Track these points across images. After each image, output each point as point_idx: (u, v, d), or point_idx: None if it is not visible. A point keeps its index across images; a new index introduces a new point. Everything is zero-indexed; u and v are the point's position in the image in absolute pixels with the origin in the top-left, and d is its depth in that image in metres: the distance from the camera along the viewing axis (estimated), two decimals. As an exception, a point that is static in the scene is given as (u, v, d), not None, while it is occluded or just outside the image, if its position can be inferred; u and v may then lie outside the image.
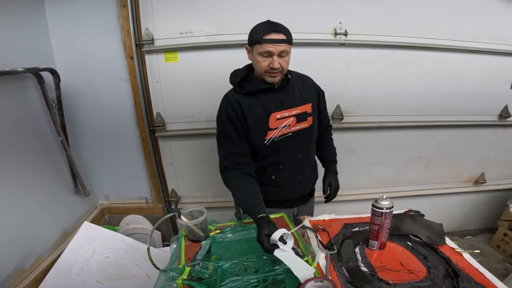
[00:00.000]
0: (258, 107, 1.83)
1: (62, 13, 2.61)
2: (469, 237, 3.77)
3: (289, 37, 1.70)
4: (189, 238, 1.72)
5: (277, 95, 1.85)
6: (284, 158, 1.94)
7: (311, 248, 1.55)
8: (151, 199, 3.33)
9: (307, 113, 1.91)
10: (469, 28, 2.84)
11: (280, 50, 1.67)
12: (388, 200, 1.49)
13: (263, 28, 1.69)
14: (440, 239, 1.63)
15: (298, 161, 1.99)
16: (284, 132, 1.87)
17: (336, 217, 1.92)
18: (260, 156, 1.95)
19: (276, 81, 1.79)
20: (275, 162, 1.95)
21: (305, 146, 1.99)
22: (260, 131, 1.84)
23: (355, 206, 3.35)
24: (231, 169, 1.85)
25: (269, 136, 1.85)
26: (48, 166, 2.63)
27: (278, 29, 1.67)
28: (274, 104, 1.84)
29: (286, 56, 1.72)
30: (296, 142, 1.92)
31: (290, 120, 1.86)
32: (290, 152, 1.94)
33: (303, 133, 1.93)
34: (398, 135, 3.20)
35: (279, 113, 1.84)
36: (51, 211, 2.63)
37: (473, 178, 3.58)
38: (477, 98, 3.12)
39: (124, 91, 2.84)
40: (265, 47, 1.66)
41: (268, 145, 1.87)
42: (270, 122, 1.83)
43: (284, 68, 1.75)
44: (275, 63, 1.68)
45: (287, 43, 1.68)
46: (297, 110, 1.88)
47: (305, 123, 1.91)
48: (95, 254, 2.37)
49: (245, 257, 1.52)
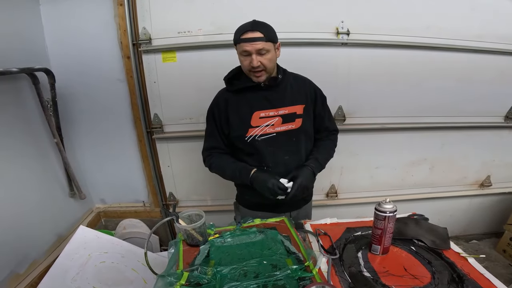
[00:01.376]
0: (243, 104, 1.92)
1: (57, 12, 2.61)
2: (474, 241, 3.77)
3: (267, 34, 1.74)
4: (187, 242, 1.72)
5: (265, 94, 1.91)
6: (268, 159, 1.96)
7: (312, 253, 1.55)
8: (149, 203, 3.33)
9: (296, 115, 1.93)
10: (475, 27, 2.84)
11: (257, 48, 1.73)
12: (391, 204, 1.49)
13: (242, 28, 1.77)
14: (445, 244, 1.63)
15: (283, 163, 1.99)
16: (267, 131, 1.90)
17: (338, 221, 1.92)
18: (244, 154, 2.01)
19: (261, 80, 1.84)
20: (259, 162, 1.98)
21: (291, 148, 1.98)
22: (242, 128, 1.92)
23: (357, 210, 3.36)
24: (211, 156, 2.08)
25: (250, 133, 1.91)
26: (43, 169, 2.63)
27: (254, 28, 1.73)
28: (260, 103, 1.90)
29: (266, 54, 1.77)
30: (281, 144, 1.94)
31: (274, 120, 1.90)
32: (275, 153, 1.96)
33: (289, 135, 1.94)
34: (402, 137, 3.20)
35: (263, 112, 1.89)
36: (46, 214, 2.63)
37: (478, 181, 3.57)
38: (483, 99, 3.12)
39: (121, 91, 2.84)
40: (243, 46, 1.75)
41: (250, 142, 1.93)
42: (252, 120, 1.89)
43: (267, 66, 1.79)
44: (253, 62, 1.75)
45: (263, 40, 1.73)
46: (284, 111, 1.91)
47: (292, 125, 1.93)
48: (91, 259, 2.37)
49: (245, 262, 1.52)
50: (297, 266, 1.42)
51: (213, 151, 2.09)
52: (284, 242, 1.67)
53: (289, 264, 1.45)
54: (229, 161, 2.04)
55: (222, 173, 2.08)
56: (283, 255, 1.56)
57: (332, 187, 3.38)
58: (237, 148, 2.03)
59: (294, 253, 1.56)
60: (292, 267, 1.41)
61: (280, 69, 1.98)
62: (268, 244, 1.65)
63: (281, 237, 1.72)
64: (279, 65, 2.01)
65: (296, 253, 1.56)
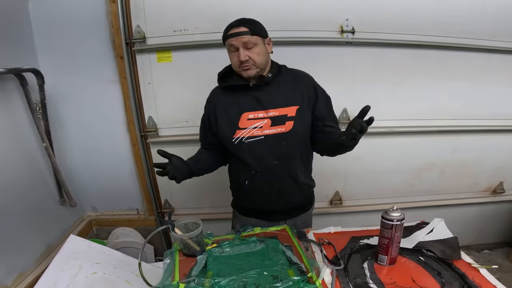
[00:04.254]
0: (233, 104, 1.95)
1: (46, 10, 2.61)
2: (486, 251, 3.77)
3: (252, 28, 1.80)
4: (184, 252, 1.72)
5: (255, 94, 1.92)
6: (256, 163, 1.96)
7: (315, 264, 1.55)
8: (143, 211, 3.33)
9: (287, 117, 1.90)
10: (487, 25, 2.83)
11: (243, 42, 1.78)
12: (398, 211, 1.50)
13: (228, 25, 1.84)
14: (455, 254, 1.63)
15: (272, 169, 1.97)
16: (255, 134, 1.90)
17: (343, 230, 1.93)
18: (233, 156, 2.04)
19: (251, 74, 1.86)
20: (247, 166, 1.98)
21: (281, 153, 1.94)
22: (230, 129, 1.94)
23: (363, 218, 3.36)
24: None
25: (237, 135, 1.92)
26: (31, 175, 2.62)
27: (239, 23, 1.80)
28: (250, 103, 1.92)
29: (254, 48, 1.81)
30: (269, 148, 1.92)
31: (263, 122, 1.89)
32: (263, 157, 1.94)
33: (278, 139, 1.91)
34: (410, 141, 3.19)
35: (252, 113, 1.91)
36: (34, 223, 2.62)
37: (490, 187, 3.56)
38: (496, 101, 3.12)
39: (114, 93, 2.85)
40: (229, 41, 1.82)
41: (237, 144, 1.93)
42: (240, 121, 1.91)
43: (256, 60, 1.82)
44: (241, 56, 1.79)
45: (249, 34, 1.78)
46: (274, 112, 1.90)
47: (282, 128, 1.90)
48: (82, 270, 2.36)
49: (244, 273, 1.52)
50: (299, 277, 1.42)
51: (201, 145, 2.24)
52: (286, 252, 1.67)
53: (290, 275, 1.45)
54: (197, 155, 2.18)
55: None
56: (285, 265, 1.56)
57: (336, 194, 3.37)
58: (226, 150, 2.06)
59: (296, 264, 1.56)
60: (294, 279, 1.41)
61: (274, 66, 1.98)
62: (269, 254, 1.66)
63: (282, 247, 1.72)
64: (275, 62, 2.01)
65: (298, 264, 1.56)
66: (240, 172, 2.05)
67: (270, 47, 1.93)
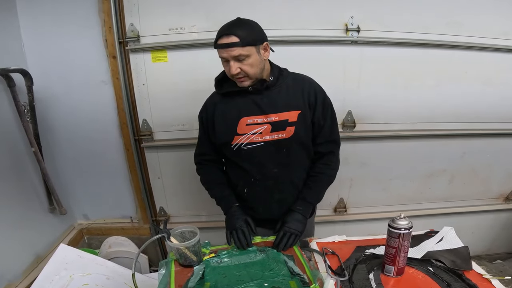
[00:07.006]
0: (231, 109, 1.91)
1: (35, 6, 2.62)
2: (499, 261, 3.76)
3: (244, 38, 1.68)
4: (180, 262, 1.72)
5: (255, 98, 1.88)
6: (256, 171, 1.96)
7: (319, 274, 1.55)
8: (137, 219, 3.33)
9: (288, 122, 1.87)
10: (499, 24, 2.83)
11: (233, 55, 1.70)
12: (406, 220, 1.49)
13: (219, 30, 1.74)
14: (466, 264, 1.63)
15: (272, 176, 1.97)
16: (254, 140, 1.88)
17: (347, 239, 1.93)
18: (231, 164, 2.04)
19: (245, 85, 1.82)
20: (246, 173, 1.98)
21: (281, 160, 1.94)
22: (228, 134, 1.91)
23: (368, 226, 3.36)
24: (202, 166, 2.20)
25: (236, 141, 1.90)
26: (18, 181, 2.63)
27: (229, 32, 1.68)
28: (249, 108, 1.88)
29: (246, 59, 1.73)
30: (270, 155, 1.92)
31: (263, 128, 1.87)
32: (263, 164, 1.94)
33: (279, 145, 1.90)
34: (418, 145, 3.18)
35: (251, 118, 1.87)
36: (22, 232, 2.63)
37: (503, 194, 3.56)
38: (508, 103, 3.11)
39: (106, 95, 2.86)
40: (219, 52, 1.74)
41: (235, 151, 1.92)
42: (238, 127, 1.88)
43: (248, 72, 1.76)
44: (231, 69, 1.72)
45: (239, 46, 1.68)
46: (275, 117, 1.87)
47: (282, 133, 1.88)
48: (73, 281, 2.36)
49: (244, 284, 1.52)
50: (301, 289, 1.42)
51: (203, 158, 2.17)
52: (288, 262, 1.67)
53: (292, 287, 1.45)
54: (216, 182, 2.13)
55: (208, 191, 2.18)
56: (286, 276, 1.56)
57: (341, 201, 3.37)
58: (225, 156, 2.07)
59: (299, 275, 1.56)
60: (296, 290, 1.41)
61: (275, 69, 1.94)
62: (270, 265, 1.66)
63: (284, 257, 1.72)
64: (275, 65, 1.98)
65: (301, 275, 1.56)
66: (239, 179, 2.05)
67: (267, 53, 1.85)
